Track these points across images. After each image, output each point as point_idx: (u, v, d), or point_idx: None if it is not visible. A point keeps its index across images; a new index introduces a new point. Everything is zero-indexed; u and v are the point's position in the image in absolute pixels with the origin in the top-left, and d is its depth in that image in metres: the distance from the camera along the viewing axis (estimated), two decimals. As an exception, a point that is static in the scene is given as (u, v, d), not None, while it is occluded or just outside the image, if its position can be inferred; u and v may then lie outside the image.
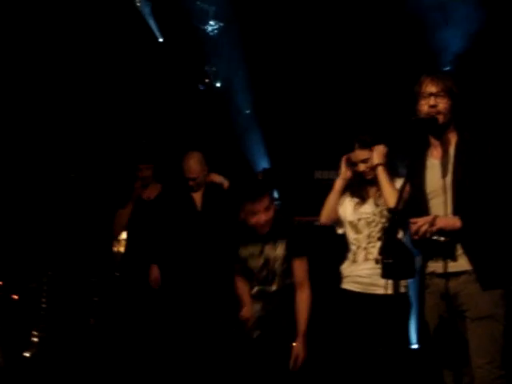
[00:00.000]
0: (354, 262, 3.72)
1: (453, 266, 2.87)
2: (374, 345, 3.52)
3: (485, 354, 2.78)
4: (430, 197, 2.98)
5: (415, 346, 5.20)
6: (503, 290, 2.82)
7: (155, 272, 4.75)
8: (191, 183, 4.81)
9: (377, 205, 3.71)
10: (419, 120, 2.94)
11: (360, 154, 3.72)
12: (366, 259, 3.66)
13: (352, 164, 3.76)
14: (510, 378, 2.83)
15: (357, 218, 3.75)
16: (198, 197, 4.84)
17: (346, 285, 3.74)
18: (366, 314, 3.57)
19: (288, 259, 3.66)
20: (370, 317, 3.54)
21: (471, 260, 2.83)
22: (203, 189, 4.87)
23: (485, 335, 2.79)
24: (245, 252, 3.79)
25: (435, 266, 2.93)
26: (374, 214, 3.71)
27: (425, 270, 3.00)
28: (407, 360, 3.69)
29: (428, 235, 2.82)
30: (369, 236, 3.69)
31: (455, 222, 2.83)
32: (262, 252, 3.72)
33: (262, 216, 3.56)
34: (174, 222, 4.73)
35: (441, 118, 2.93)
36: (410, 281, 3.56)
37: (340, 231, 3.88)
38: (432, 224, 2.81)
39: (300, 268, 3.68)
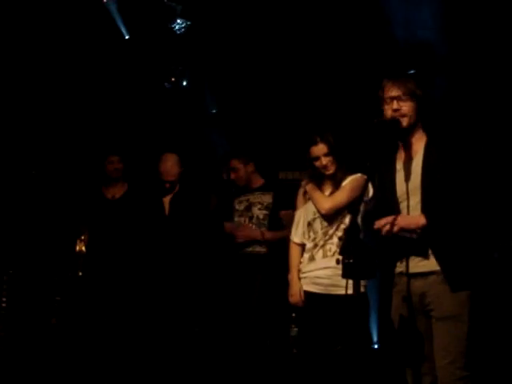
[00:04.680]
0: (312, 259, 3.75)
1: (422, 266, 2.89)
2: (336, 345, 3.56)
3: (447, 355, 2.78)
4: (399, 200, 3.00)
5: (376, 346, 5.26)
6: (470, 292, 2.82)
7: None
8: (168, 185, 4.75)
9: None
10: (381, 122, 2.95)
11: (314, 150, 3.77)
12: (325, 256, 3.70)
13: (312, 159, 3.80)
14: (475, 379, 2.81)
15: (311, 217, 3.79)
16: (166, 200, 4.78)
17: (306, 286, 3.77)
18: (327, 315, 3.62)
19: (275, 209, 4.44)
20: (332, 318, 3.58)
21: (439, 261, 2.85)
22: (173, 191, 4.82)
23: (448, 335, 2.79)
24: (236, 201, 4.60)
25: (404, 266, 2.95)
26: None
27: (393, 270, 3.02)
28: (369, 360, 3.74)
29: (390, 234, 2.83)
30: (325, 234, 3.73)
31: (419, 220, 2.84)
32: (248, 200, 4.54)
33: None
34: (142, 224, 4.68)
35: (405, 121, 2.95)
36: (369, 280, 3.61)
37: (296, 240, 3.90)
38: (393, 224, 2.83)
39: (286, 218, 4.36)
